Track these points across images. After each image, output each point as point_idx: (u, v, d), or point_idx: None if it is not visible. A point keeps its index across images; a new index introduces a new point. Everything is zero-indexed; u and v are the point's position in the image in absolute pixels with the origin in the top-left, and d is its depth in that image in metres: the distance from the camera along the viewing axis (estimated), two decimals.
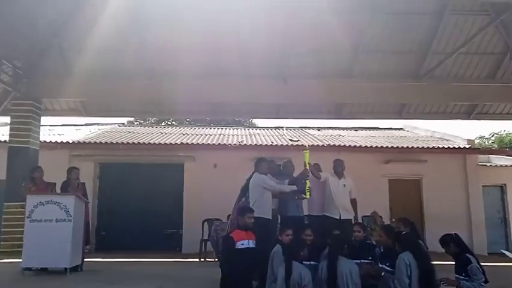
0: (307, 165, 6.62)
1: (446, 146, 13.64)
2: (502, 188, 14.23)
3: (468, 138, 14.48)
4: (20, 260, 6.73)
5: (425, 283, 4.67)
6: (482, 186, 13.60)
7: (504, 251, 12.26)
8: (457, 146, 13.70)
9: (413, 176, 13.42)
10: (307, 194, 6.62)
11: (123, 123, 19.32)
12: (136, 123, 23.38)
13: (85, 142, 12.97)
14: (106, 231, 12.60)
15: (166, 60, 10.58)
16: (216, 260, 9.47)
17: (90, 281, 6.30)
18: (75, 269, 7.13)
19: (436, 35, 10.45)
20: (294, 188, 6.64)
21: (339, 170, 7.25)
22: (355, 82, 11.03)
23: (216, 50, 10.34)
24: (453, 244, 4.99)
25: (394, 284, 4.74)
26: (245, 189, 6.94)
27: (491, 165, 14.27)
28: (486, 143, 28.39)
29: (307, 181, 6.60)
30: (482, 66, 11.24)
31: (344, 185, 7.15)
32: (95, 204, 12.64)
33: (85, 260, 7.59)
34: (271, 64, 10.71)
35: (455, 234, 5.09)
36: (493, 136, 29.91)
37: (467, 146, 13.78)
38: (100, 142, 12.91)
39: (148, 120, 23.21)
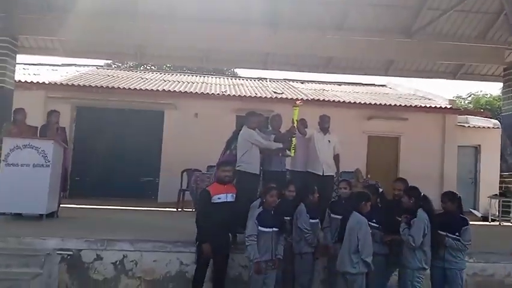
0: (295, 122, 6.48)
1: (428, 105, 13.68)
2: (476, 149, 14.50)
3: (450, 98, 14.53)
4: None
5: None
6: (458, 146, 13.82)
7: (472, 210, 12.62)
8: (438, 106, 13.74)
9: (393, 134, 13.53)
10: (292, 152, 6.55)
11: (101, 66, 18.68)
12: (114, 66, 22.65)
13: (62, 84, 12.47)
14: (81, 177, 12.37)
15: (151, 0, 10.04)
16: (194, 210, 9.49)
17: (66, 228, 6.18)
18: (51, 215, 7.01)
19: None
20: (280, 145, 6.53)
21: (325, 126, 7.18)
22: (345, 35, 10.76)
23: None
24: (456, 203, 4.98)
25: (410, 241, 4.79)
26: (230, 142, 6.82)
27: (468, 126, 14.44)
28: (463, 103, 28.71)
29: (293, 139, 6.50)
30: (474, 25, 11.07)
31: (329, 140, 7.10)
32: (70, 149, 12.33)
33: (60, 205, 7.46)
34: (262, 12, 10.28)
35: (459, 196, 5.13)
36: (470, 96, 30.27)
37: (449, 106, 13.85)
38: (79, 84, 12.45)
39: (127, 63, 22.45)
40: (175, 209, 9.91)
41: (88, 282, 5.31)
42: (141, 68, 23.47)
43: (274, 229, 4.96)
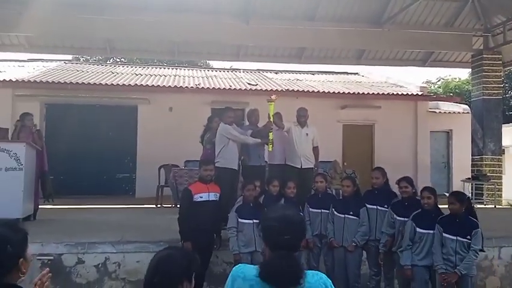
0: (271, 117, 6.51)
1: (400, 93, 13.92)
2: (448, 134, 14.87)
3: (421, 85, 14.82)
4: None
5: None
6: (430, 131, 14.14)
7: (446, 194, 12.97)
8: (410, 93, 14.00)
9: (367, 122, 13.69)
10: (270, 146, 6.59)
11: (69, 60, 18.19)
12: (82, 59, 22.11)
13: (30, 81, 12.09)
14: (55, 176, 11.98)
15: None
16: (173, 206, 9.45)
17: (44, 232, 6.03)
18: (27, 218, 6.84)
19: None
20: (258, 141, 6.56)
21: (302, 119, 7.20)
22: (318, 26, 10.83)
23: None
24: (465, 204, 4.59)
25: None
26: (202, 137, 7.02)
27: (439, 112, 14.78)
28: (433, 87, 29.30)
29: (270, 133, 6.53)
30: (442, 13, 11.31)
31: (307, 133, 7.12)
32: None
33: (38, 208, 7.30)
34: (234, 3, 10.23)
35: (468, 197, 4.91)
36: (439, 81, 30.93)
37: (420, 93, 14.13)
38: (47, 81, 12.08)
39: (96, 57, 21.95)
40: (154, 205, 9.82)
41: (71, 286, 5.24)
42: (111, 61, 23.01)
43: (254, 221, 5.00)
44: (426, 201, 4.74)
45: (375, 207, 5.18)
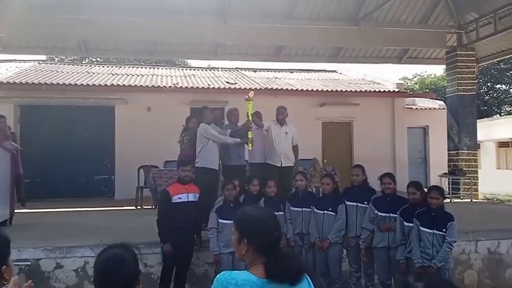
0: (250, 116, 6.50)
1: (377, 90, 14.09)
2: (425, 130, 15.12)
3: (397, 82, 15.03)
4: None
5: None
6: (407, 127, 14.37)
7: (425, 189, 13.20)
8: (387, 90, 14.18)
9: (345, 119, 13.82)
10: (250, 145, 6.58)
11: (43, 61, 17.81)
12: (56, 59, 21.70)
13: (3, 82, 11.80)
14: (31, 179, 11.77)
15: None
16: (153, 207, 9.36)
17: (22, 237, 5.89)
18: (3, 223, 6.68)
19: None
20: (238, 140, 6.55)
21: (281, 117, 7.21)
22: (295, 24, 10.87)
23: None
24: (441, 198, 4.69)
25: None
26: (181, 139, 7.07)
27: (416, 108, 15.01)
28: (409, 83, 29.78)
29: (249, 132, 6.53)
30: (416, 11, 11.49)
31: (286, 132, 7.13)
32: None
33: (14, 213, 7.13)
34: (211, 2, 10.18)
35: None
36: (415, 77, 31.45)
37: (397, 90, 14.33)
38: (21, 82, 11.81)
39: (71, 57, 21.57)
40: (134, 207, 9.71)
41: None
42: (86, 61, 22.63)
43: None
44: (412, 197, 4.85)
45: (355, 204, 5.23)
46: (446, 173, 11.78)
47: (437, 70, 28.60)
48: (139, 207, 9.73)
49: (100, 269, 1.86)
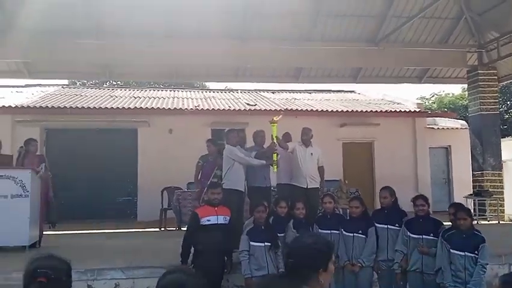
0: (275, 138, 6.56)
1: (398, 110, 14.04)
2: (447, 150, 14.96)
3: (418, 102, 14.97)
4: None
5: None
6: (429, 147, 14.24)
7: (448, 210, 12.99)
8: (408, 110, 14.13)
9: (366, 139, 13.77)
10: (275, 167, 6.61)
11: (66, 85, 18.24)
12: (78, 83, 22.18)
13: (29, 106, 12.11)
14: (56, 201, 11.94)
15: (117, 19, 9.98)
16: (177, 228, 9.41)
17: None
18: (33, 245, 6.78)
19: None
20: (263, 162, 6.59)
21: (305, 137, 7.24)
22: (314, 46, 10.98)
23: (172, 8, 9.87)
24: (469, 218, 4.62)
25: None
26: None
27: (438, 128, 14.90)
28: (426, 103, 29.59)
29: (274, 154, 6.57)
30: (436, 30, 11.51)
31: (311, 153, 7.16)
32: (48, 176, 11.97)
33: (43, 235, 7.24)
34: (231, 25, 10.39)
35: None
36: (433, 97, 31.24)
37: (417, 109, 14.26)
38: (47, 106, 12.11)
39: (93, 81, 22.06)
40: (158, 229, 9.76)
41: None
42: (107, 84, 23.07)
43: (266, 244, 4.99)
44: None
45: (385, 226, 5.17)
46: (471, 194, 11.57)
47: (455, 89, 28.43)
48: (163, 228, 9.78)
49: None
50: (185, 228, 9.20)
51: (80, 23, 9.93)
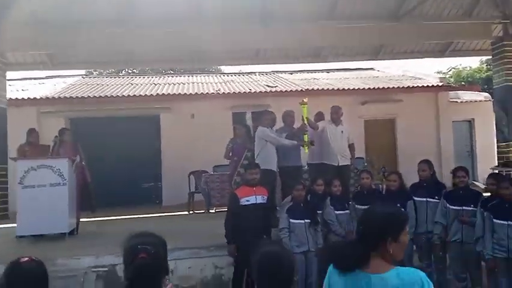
0: (305, 119, 6.59)
1: (420, 85, 13.88)
2: (470, 123, 14.78)
3: (440, 76, 14.76)
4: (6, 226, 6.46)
5: None
6: (452, 121, 14.09)
7: (474, 182, 12.92)
8: (431, 84, 13.95)
9: (388, 116, 13.68)
10: (306, 148, 6.66)
11: (86, 75, 18.39)
12: (95, 72, 22.28)
13: (54, 97, 12.27)
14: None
15: (136, 5, 9.92)
16: (206, 211, 9.54)
17: (95, 245, 6.16)
18: (71, 232, 6.96)
19: None
20: (295, 142, 6.67)
21: (335, 116, 7.26)
22: (335, 24, 10.84)
23: None
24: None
25: None
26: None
27: (461, 102, 14.70)
28: (445, 77, 29.11)
29: (305, 135, 6.60)
30: (460, 3, 11.24)
31: (342, 131, 7.19)
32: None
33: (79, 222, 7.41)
34: (252, 7, 10.28)
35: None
36: (450, 71, 30.74)
37: (440, 84, 14.08)
38: (71, 96, 12.26)
39: (110, 70, 22.12)
40: (186, 212, 9.89)
41: None
42: (123, 73, 23.12)
43: (306, 221, 5.06)
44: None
45: (424, 199, 5.19)
46: (497, 166, 11.46)
47: (473, 62, 27.92)
48: (191, 212, 9.90)
49: (265, 265, 2.14)
50: (213, 211, 9.45)
51: (102, 12, 9.93)
